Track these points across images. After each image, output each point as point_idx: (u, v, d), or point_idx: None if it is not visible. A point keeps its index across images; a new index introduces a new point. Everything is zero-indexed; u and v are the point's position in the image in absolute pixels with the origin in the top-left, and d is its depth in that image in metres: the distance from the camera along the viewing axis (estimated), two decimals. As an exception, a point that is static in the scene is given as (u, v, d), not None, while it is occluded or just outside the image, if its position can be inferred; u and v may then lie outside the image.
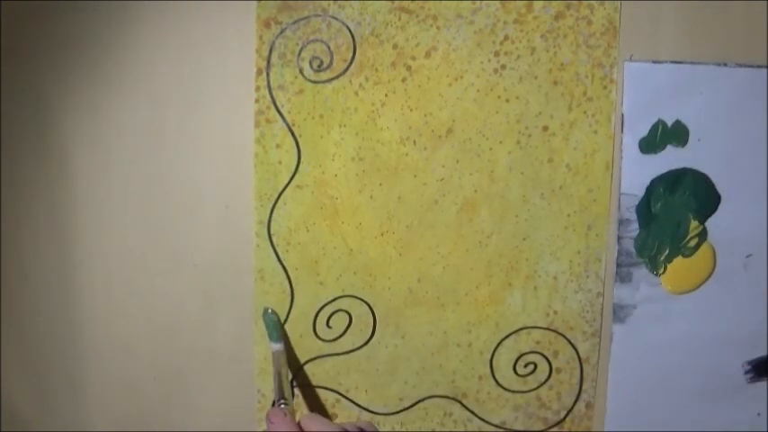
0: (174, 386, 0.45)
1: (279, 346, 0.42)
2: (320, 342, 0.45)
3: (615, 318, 0.45)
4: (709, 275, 0.44)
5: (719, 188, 0.44)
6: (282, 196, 0.43)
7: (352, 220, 0.43)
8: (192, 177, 0.43)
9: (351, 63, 0.42)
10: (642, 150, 0.43)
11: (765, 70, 0.42)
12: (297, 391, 0.45)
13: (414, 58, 0.42)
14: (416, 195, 0.43)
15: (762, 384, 0.46)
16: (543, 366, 0.45)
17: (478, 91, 0.43)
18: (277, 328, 0.43)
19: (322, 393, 0.45)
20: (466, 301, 0.44)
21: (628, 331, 0.45)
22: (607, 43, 0.42)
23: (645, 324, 0.45)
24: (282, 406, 0.40)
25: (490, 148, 0.43)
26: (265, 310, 0.44)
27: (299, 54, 0.42)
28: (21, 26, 0.42)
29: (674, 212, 0.44)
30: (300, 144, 0.43)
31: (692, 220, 0.44)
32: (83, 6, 0.42)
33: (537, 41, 0.42)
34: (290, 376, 0.44)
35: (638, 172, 0.43)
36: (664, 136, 0.43)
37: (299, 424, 0.37)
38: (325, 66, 0.42)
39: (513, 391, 0.46)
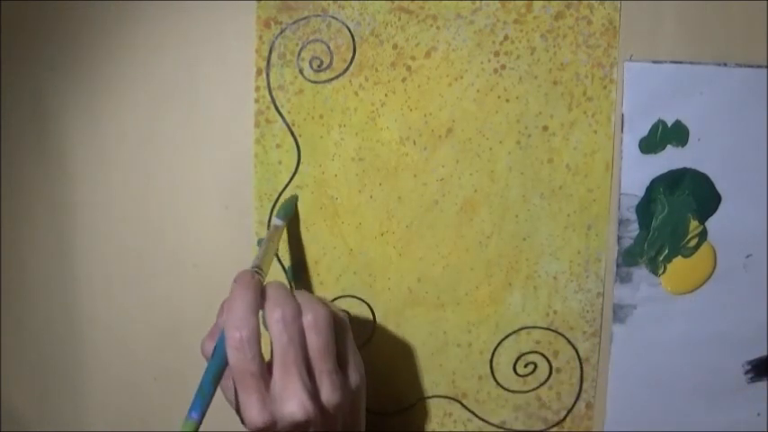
0: (174, 386, 0.45)
1: (280, 222, 0.41)
2: (320, 342, 0.45)
3: (615, 318, 0.45)
4: (710, 275, 0.44)
5: (719, 188, 0.44)
6: (282, 196, 0.43)
7: (352, 220, 0.43)
8: (192, 177, 0.43)
9: (351, 63, 0.42)
10: (642, 150, 0.43)
11: (765, 70, 0.42)
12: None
13: (414, 58, 0.42)
14: (416, 195, 0.43)
15: (762, 384, 0.46)
16: (543, 366, 0.45)
17: (478, 91, 0.43)
18: (286, 208, 0.42)
19: (322, 393, 0.45)
20: (466, 301, 0.44)
21: (628, 331, 0.45)
22: (607, 43, 0.42)
23: (645, 324, 0.45)
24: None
25: (490, 148, 0.43)
26: (293, 196, 0.43)
27: (299, 54, 0.42)
28: (21, 26, 0.42)
29: (674, 212, 0.44)
30: (300, 144, 0.43)
31: (692, 220, 0.44)
32: (83, 6, 0.42)
33: (537, 41, 0.42)
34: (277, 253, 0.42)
35: (638, 172, 0.43)
36: (664, 136, 0.43)
37: (263, 290, 0.35)
38: (325, 66, 0.42)
39: (513, 391, 0.46)
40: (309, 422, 0.33)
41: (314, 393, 0.34)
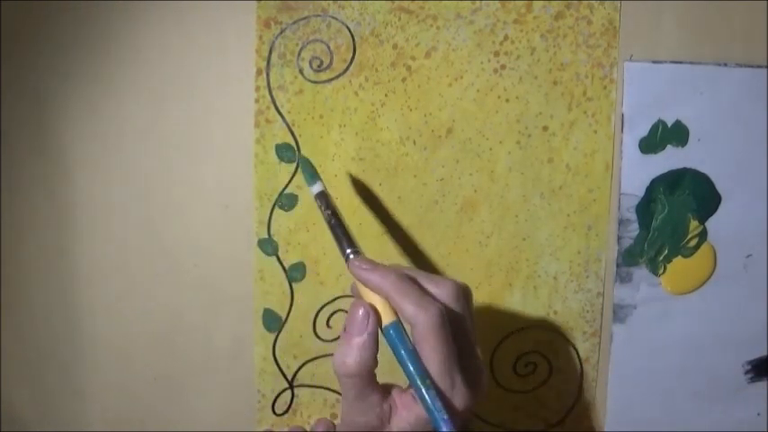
0: (174, 387, 0.45)
1: (322, 186, 0.38)
2: (320, 342, 0.45)
3: (615, 318, 0.45)
4: (710, 275, 0.44)
5: (719, 188, 0.44)
6: (282, 196, 0.43)
7: (352, 220, 0.43)
8: (192, 177, 0.43)
9: (351, 63, 0.42)
10: (642, 150, 0.43)
11: (765, 70, 0.42)
12: (297, 391, 0.45)
13: (414, 58, 0.42)
14: (416, 195, 0.43)
15: (762, 384, 0.46)
16: (543, 366, 0.45)
17: (478, 91, 0.43)
18: (312, 169, 0.40)
19: (322, 393, 0.45)
20: (466, 301, 0.44)
21: (628, 331, 0.45)
22: (607, 43, 0.42)
23: (645, 324, 0.45)
24: (351, 256, 0.34)
25: (490, 148, 0.43)
26: (302, 157, 0.42)
27: (299, 54, 0.42)
28: (21, 26, 0.42)
29: (674, 212, 0.44)
30: (300, 144, 0.43)
31: (692, 220, 0.44)
32: (83, 6, 0.42)
33: (537, 41, 0.42)
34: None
35: (638, 172, 0.43)
36: (664, 136, 0.43)
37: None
38: (325, 66, 0.42)
39: (513, 391, 0.46)
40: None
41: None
